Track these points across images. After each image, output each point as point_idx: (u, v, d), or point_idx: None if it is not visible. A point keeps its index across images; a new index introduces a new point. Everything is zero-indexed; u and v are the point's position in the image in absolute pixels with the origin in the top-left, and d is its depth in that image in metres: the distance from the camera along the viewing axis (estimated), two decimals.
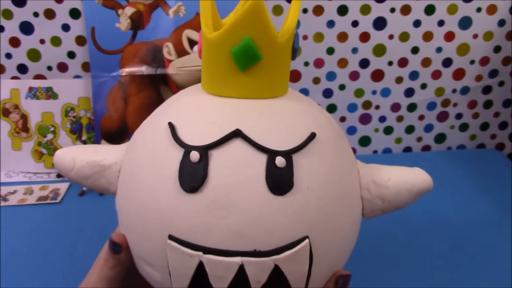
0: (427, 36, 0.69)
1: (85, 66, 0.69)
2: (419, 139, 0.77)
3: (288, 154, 0.26)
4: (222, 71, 0.28)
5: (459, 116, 0.75)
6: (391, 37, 0.69)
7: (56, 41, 0.68)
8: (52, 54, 0.68)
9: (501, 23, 0.68)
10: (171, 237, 0.26)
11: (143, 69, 0.66)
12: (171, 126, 0.28)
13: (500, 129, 0.77)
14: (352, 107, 0.74)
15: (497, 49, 0.70)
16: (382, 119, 0.75)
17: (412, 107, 0.74)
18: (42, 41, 0.67)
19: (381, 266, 0.48)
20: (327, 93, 0.72)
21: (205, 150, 0.26)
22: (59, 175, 0.69)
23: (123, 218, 0.30)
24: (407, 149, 0.78)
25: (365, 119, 0.75)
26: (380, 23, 0.68)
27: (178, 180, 0.26)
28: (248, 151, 0.26)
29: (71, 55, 0.68)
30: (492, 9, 0.67)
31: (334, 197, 0.27)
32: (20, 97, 0.69)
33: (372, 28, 0.68)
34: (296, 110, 0.29)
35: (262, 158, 0.26)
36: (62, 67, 0.69)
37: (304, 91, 0.72)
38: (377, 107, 0.74)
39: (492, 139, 0.78)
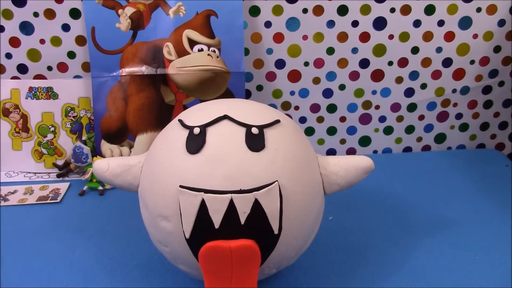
0: (427, 36, 0.69)
1: (85, 66, 0.69)
2: (419, 139, 0.77)
3: (260, 127, 0.37)
4: None
5: (459, 116, 0.75)
6: (391, 37, 0.69)
7: (56, 41, 0.68)
8: (52, 54, 0.68)
9: (501, 23, 0.68)
10: (181, 186, 0.36)
11: (143, 69, 0.66)
12: (180, 120, 0.40)
13: (500, 129, 0.77)
14: (352, 107, 0.74)
15: (497, 49, 0.70)
16: (382, 119, 0.75)
17: (412, 107, 0.74)
18: (42, 41, 0.67)
19: (381, 266, 0.48)
20: (327, 93, 0.72)
21: (203, 127, 0.37)
22: (59, 175, 0.69)
23: (146, 191, 0.39)
24: (407, 149, 0.78)
25: (365, 119, 0.75)
26: (380, 23, 0.68)
27: (185, 147, 0.37)
28: (233, 126, 0.37)
29: (71, 55, 0.68)
30: (492, 9, 0.67)
31: (297, 159, 0.38)
32: (20, 97, 0.69)
33: (372, 28, 0.68)
34: (265, 108, 0.42)
35: (243, 129, 0.37)
36: (62, 67, 0.69)
37: (304, 91, 0.72)
38: (377, 107, 0.74)
39: (492, 139, 0.78)
